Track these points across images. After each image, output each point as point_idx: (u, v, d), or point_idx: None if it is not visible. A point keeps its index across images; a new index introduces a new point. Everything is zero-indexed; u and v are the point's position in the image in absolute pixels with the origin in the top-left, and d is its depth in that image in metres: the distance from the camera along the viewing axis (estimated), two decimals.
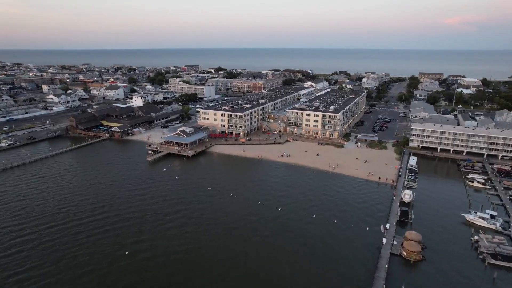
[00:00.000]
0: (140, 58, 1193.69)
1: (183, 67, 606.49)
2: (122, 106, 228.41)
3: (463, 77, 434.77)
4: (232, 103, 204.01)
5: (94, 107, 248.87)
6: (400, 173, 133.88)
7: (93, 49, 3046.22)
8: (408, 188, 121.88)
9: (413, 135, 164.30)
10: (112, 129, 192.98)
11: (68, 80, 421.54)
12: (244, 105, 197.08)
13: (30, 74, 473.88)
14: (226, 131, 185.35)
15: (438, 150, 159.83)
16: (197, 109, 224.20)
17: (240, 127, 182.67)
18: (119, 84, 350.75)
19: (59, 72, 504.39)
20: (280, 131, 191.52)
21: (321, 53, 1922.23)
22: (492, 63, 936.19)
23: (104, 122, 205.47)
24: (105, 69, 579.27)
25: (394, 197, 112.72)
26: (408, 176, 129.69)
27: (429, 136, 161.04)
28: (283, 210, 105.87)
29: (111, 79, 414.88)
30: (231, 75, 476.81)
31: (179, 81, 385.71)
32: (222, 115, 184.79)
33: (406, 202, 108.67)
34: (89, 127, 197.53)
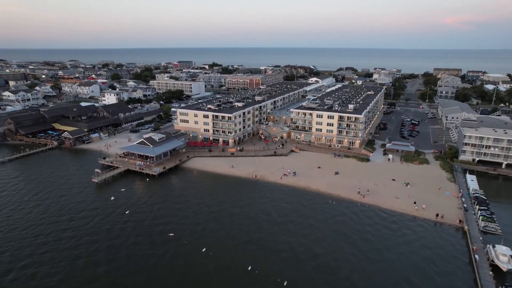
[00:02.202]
0: (140, 57, 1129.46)
1: (175, 63, 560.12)
2: (84, 105, 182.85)
3: (485, 73, 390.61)
4: (219, 101, 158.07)
5: (51, 105, 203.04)
6: (464, 204, 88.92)
7: (94, 48, 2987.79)
8: (486, 231, 78.00)
9: (465, 144, 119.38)
10: (63, 134, 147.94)
11: (43, 76, 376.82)
12: (236, 104, 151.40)
13: (7, 71, 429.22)
14: (211, 138, 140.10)
15: (504, 166, 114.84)
16: (173, 109, 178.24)
17: (229, 132, 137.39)
18: (98, 80, 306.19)
19: (39, 68, 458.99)
20: (282, 137, 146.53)
21: (320, 52, 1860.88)
22: (494, 61, 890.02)
23: (57, 126, 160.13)
24: (91, 65, 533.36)
25: (476, 256, 67.39)
26: (480, 210, 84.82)
27: (490, 147, 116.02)
28: (291, 285, 60.82)
29: (92, 75, 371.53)
30: (226, 71, 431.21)
31: (167, 77, 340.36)
32: (205, 116, 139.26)
33: (505, 270, 63.48)
34: (34, 131, 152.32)
